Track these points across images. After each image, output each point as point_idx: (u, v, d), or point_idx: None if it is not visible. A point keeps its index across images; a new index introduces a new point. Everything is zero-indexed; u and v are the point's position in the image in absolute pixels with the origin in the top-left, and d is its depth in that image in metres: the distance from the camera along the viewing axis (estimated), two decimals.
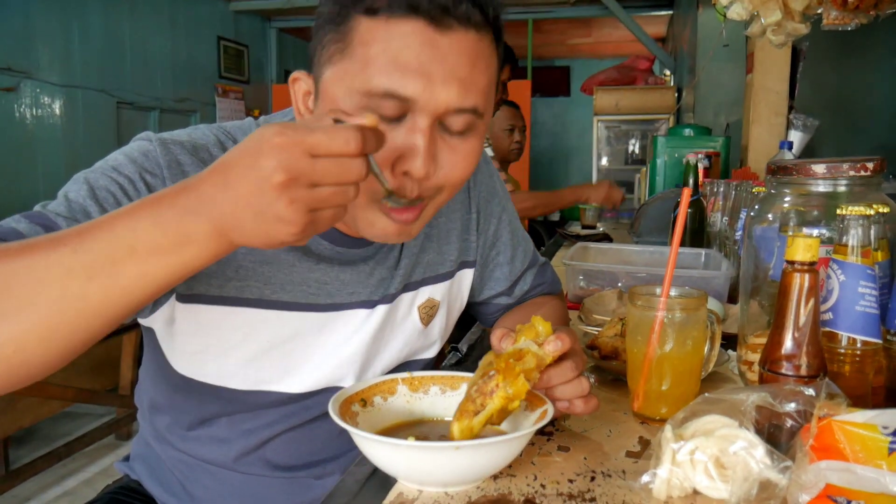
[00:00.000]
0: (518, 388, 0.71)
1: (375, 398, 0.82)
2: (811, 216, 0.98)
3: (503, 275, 1.15)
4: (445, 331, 1.09)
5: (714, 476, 0.65)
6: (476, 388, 0.72)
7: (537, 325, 0.78)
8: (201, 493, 1.00)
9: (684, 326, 0.87)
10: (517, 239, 1.17)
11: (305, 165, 0.56)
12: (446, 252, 1.05)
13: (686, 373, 0.88)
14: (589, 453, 0.81)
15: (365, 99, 0.73)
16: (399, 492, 0.71)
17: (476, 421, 0.71)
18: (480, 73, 0.76)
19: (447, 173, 0.80)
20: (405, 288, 1.00)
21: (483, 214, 1.11)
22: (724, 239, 1.94)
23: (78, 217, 0.73)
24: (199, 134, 0.87)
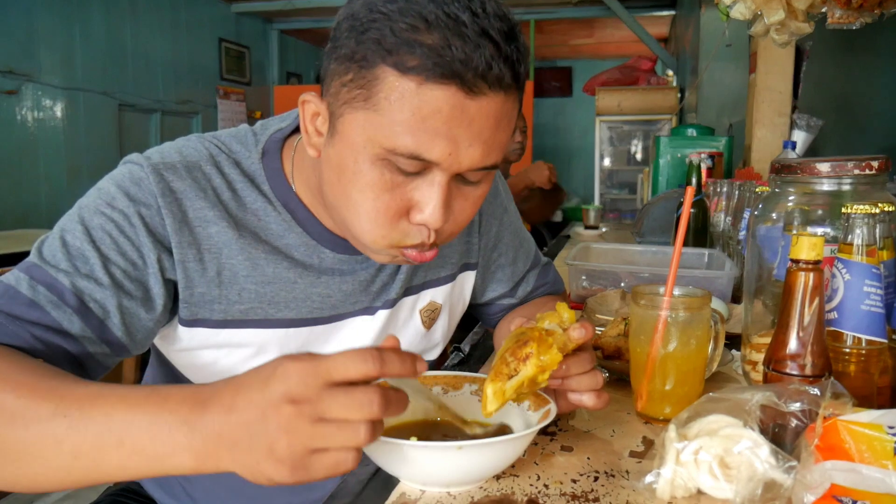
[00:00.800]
0: (552, 357, 0.71)
1: None
2: (815, 215, 0.98)
3: (505, 276, 1.14)
4: (448, 333, 1.08)
5: (718, 476, 0.64)
6: (510, 352, 0.72)
7: (562, 311, 0.77)
8: (201, 494, 1.00)
9: (688, 326, 0.86)
10: (519, 240, 1.16)
11: (314, 393, 0.54)
12: (448, 255, 1.05)
13: (689, 372, 0.88)
14: (592, 453, 0.80)
15: (386, 153, 0.72)
16: (402, 492, 0.71)
17: (509, 385, 0.71)
18: (503, 131, 0.75)
19: (456, 217, 0.80)
20: (406, 292, 0.99)
21: (485, 216, 1.10)
22: (727, 239, 1.94)
23: (79, 266, 0.75)
24: (190, 150, 0.86)
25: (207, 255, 0.83)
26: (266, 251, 0.86)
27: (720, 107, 4.23)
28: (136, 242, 0.79)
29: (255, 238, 0.86)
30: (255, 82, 6.89)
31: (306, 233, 0.89)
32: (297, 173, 0.89)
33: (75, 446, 0.61)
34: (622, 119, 6.38)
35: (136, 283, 0.79)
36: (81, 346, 0.75)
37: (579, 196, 9.03)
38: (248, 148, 0.89)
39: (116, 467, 0.61)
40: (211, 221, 0.83)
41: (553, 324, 0.76)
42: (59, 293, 0.74)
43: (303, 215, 0.89)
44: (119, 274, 0.77)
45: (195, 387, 0.61)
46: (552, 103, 9.41)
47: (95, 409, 0.61)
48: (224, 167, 0.86)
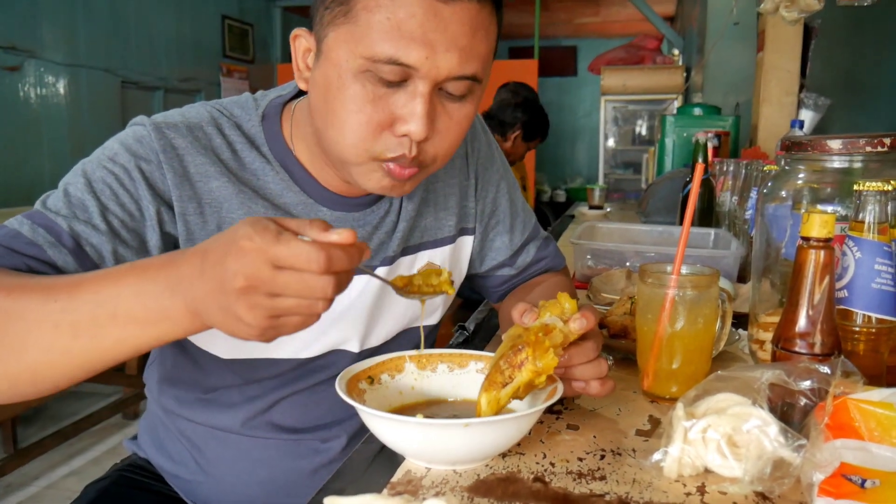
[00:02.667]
0: (547, 362, 0.70)
1: (383, 376, 0.81)
2: (825, 193, 0.97)
3: (503, 244, 1.14)
4: (448, 299, 1.09)
5: (727, 454, 0.64)
6: (505, 359, 0.72)
7: (563, 301, 0.77)
8: (210, 459, 1.01)
9: (695, 304, 0.86)
10: (516, 208, 1.16)
11: (266, 275, 0.56)
12: (444, 218, 1.06)
13: (697, 351, 0.87)
14: (598, 432, 0.80)
15: (367, 63, 0.75)
16: (407, 469, 0.71)
17: (504, 393, 0.70)
18: (480, 41, 0.78)
19: (442, 137, 0.82)
20: (404, 252, 1.01)
21: (481, 181, 1.11)
22: (733, 218, 1.93)
23: (77, 213, 0.78)
24: (192, 113, 0.89)
25: (208, 209, 0.86)
26: (265, 207, 0.89)
27: (727, 86, 4.20)
28: (134, 195, 0.82)
29: (254, 195, 0.88)
30: (259, 60, 6.85)
31: (304, 192, 0.91)
32: (295, 134, 0.92)
33: (72, 325, 0.63)
34: (627, 98, 6.35)
35: (133, 234, 0.81)
36: None
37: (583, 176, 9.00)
38: (248, 112, 0.93)
39: (115, 340, 0.63)
40: (211, 176, 0.86)
41: (553, 316, 0.75)
42: (56, 234, 0.77)
43: (300, 175, 0.91)
44: (116, 223, 0.80)
45: (171, 254, 0.64)
46: (557, 83, 9.34)
47: (83, 290, 0.64)
48: (225, 129, 0.90)
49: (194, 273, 0.59)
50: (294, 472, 0.99)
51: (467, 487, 0.67)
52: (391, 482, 0.68)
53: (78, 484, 2.95)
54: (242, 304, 0.56)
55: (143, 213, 0.82)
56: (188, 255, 0.61)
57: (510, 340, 0.74)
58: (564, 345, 0.75)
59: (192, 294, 0.60)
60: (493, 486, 0.67)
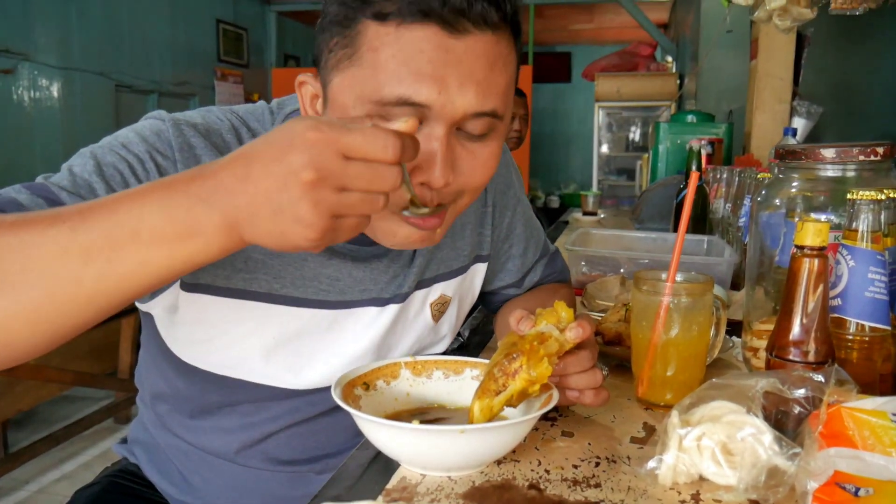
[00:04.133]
0: (541, 371, 0.70)
1: (378, 382, 0.81)
2: (818, 202, 0.97)
3: (515, 267, 1.12)
4: (455, 326, 1.07)
5: (721, 462, 0.64)
6: (499, 368, 0.71)
7: (560, 310, 0.77)
8: (199, 483, 0.99)
9: (690, 312, 0.86)
10: (530, 230, 1.14)
11: (337, 166, 0.53)
12: (461, 247, 1.02)
13: (691, 358, 0.87)
14: (593, 439, 0.80)
15: (376, 108, 0.70)
16: (402, 476, 0.71)
17: (497, 401, 0.70)
18: (499, 74, 0.72)
19: (467, 179, 0.76)
20: (418, 285, 0.97)
21: (498, 208, 1.08)
22: (726, 226, 1.93)
23: (82, 193, 0.70)
24: (212, 118, 0.84)
25: None
26: None
27: (720, 93, 4.22)
28: (145, 181, 0.74)
29: None
30: (253, 64, 6.85)
31: None
32: None
33: (83, 248, 0.54)
34: (621, 105, 6.37)
35: None
36: None
37: (577, 182, 9.02)
38: (265, 126, 0.87)
39: (136, 264, 0.55)
40: None
41: (550, 325, 0.75)
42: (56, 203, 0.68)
43: None
44: None
45: (198, 167, 0.58)
46: (551, 89, 9.37)
47: (97, 211, 0.56)
48: (244, 140, 0.84)
49: (236, 179, 0.54)
50: (287, 500, 0.97)
51: (462, 494, 0.67)
52: (386, 489, 0.68)
53: (69, 489, 2.91)
54: (308, 201, 0.53)
55: None
56: (225, 163, 0.56)
57: (505, 348, 0.74)
58: (560, 354, 0.75)
59: (234, 202, 0.54)
60: (488, 494, 0.67)
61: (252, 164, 0.54)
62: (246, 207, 0.54)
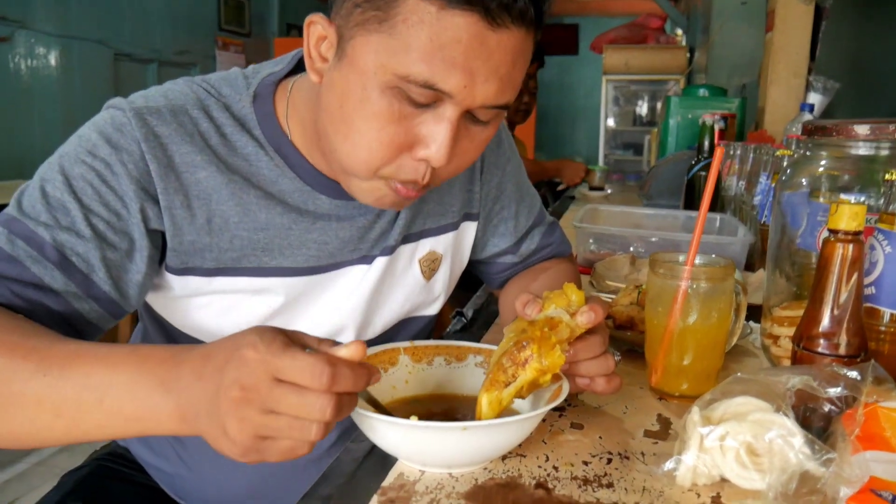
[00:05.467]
0: (553, 360, 0.65)
1: None
2: (845, 181, 0.91)
3: (507, 230, 1.08)
4: (448, 286, 1.03)
5: (747, 464, 0.59)
6: (507, 357, 0.66)
7: (570, 293, 0.71)
8: (193, 454, 0.96)
9: (710, 297, 0.81)
10: (522, 193, 1.10)
11: (264, 388, 0.52)
12: (448, 203, 0.99)
13: (709, 347, 0.82)
14: (604, 432, 0.75)
15: (398, 80, 0.68)
16: (399, 472, 0.66)
17: (506, 393, 0.65)
18: (519, 69, 0.72)
19: (459, 160, 0.76)
20: (404, 240, 0.94)
21: (487, 164, 1.05)
22: (740, 204, 1.87)
23: (59, 218, 0.72)
24: (176, 93, 0.82)
25: (196, 202, 0.79)
26: (258, 196, 0.82)
27: (732, 67, 4.12)
28: (118, 192, 0.75)
29: (246, 183, 0.82)
30: (255, 33, 6.73)
31: (300, 178, 0.85)
32: (291, 115, 0.84)
33: (56, 405, 0.60)
34: (629, 78, 6.26)
35: (121, 235, 0.75)
36: (66, 302, 0.72)
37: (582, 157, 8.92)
38: (238, 91, 0.84)
39: (97, 426, 0.61)
40: (199, 166, 0.79)
41: (559, 308, 0.70)
42: (38, 247, 0.71)
43: (296, 160, 0.84)
44: (102, 226, 0.74)
45: (175, 348, 0.60)
46: (558, 62, 9.22)
47: (75, 369, 0.60)
48: (212, 111, 0.82)
49: (193, 375, 0.56)
50: (281, 468, 0.94)
51: (464, 494, 0.62)
52: (382, 487, 0.63)
53: (69, 461, 2.91)
54: (232, 417, 0.52)
55: (129, 211, 0.75)
56: (192, 355, 0.58)
57: (513, 335, 0.69)
58: (570, 340, 0.70)
59: (187, 397, 0.56)
60: (491, 494, 0.62)
61: (206, 365, 0.56)
62: (194, 404, 0.56)
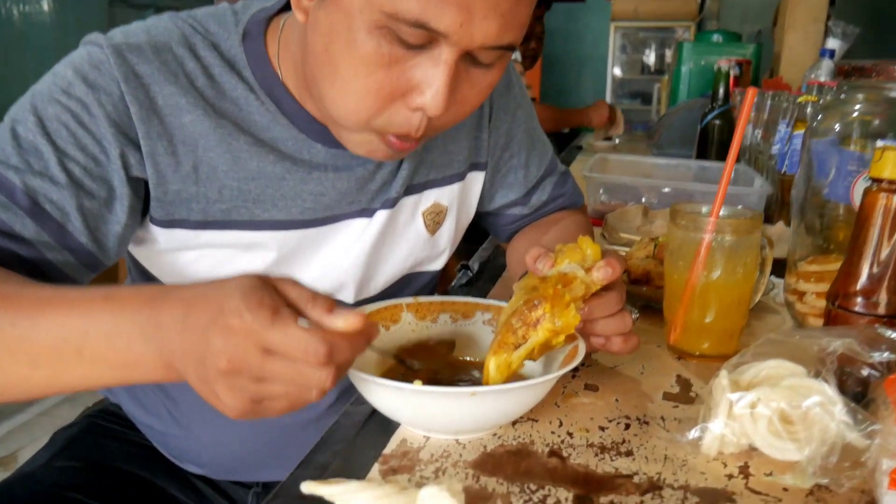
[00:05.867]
0: (567, 319, 0.60)
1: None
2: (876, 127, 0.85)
3: (517, 180, 1.01)
4: (454, 240, 0.97)
5: (781, 434, 0.54)
6: (518, 316, 0.61)
7: (585, 246, 0.66)
8: (186, 413, 0.91)
9: (735, 251, 0.75)
10: (533, 140, 1.03)
11: (254, 361, 0.47)
12: (454, 151, 0.92)
13: (733, 304, 0.77)
14: (621, 394, 0.70)
15: (387, 19, 0.60)
16: (402, 438, 0.61)
17: (516, 356, 0.60)
18: (524, 6, 0.64)
19: (458, 108, 0.68)
20: (407, 191, 0.88)
21: (496, 110, 0.97)
22: (755, 153, 1.80)
23: (31, 162, 0.67)
24: (160, 29, 0.74)
25: (181, 148, 0.73)
26: (248, 143, 0.75)
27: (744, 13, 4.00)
28: (96, 135, 0.69)
29: (235, 129, 0.75)
30: None
31: (294, 125, 0.77)
32: (283, 57, 0.77)
33: (31, 356, 0.55)
34: (638, 25, 6.11)
35: (99, 182, 0.69)
36: (38, 251, 0.67)
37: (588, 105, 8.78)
38: (227, 29, 0.77)
39: (82, 377, 0.56)
40: (184, 109, 0.72)
41: (573, 264, 0.64)
42: (8, 192, 0.65)
43: (290, 106, 0.77)
44: (78, 171, 0.68)
45: (152, 292, 0.54)
46: (565, 8, 8.98)
47: (47, 317, 0.55)
48: (199, 49, 0.75)
49: (174, 325, 0.51)
50: (277, 427, 0.89)
51: (472, 463, 0.58)
52: (384, 454, 0.59)
53: (72, 412, 2.91)
54: (223, 386, 0.49)
55: (108, 156, 0.69)
56: (170, 301, 0.52)
57: (523, 293, 0.64)
58: (585, 297, 0.64)
59: (170, 347, 0.52)
60: (501, 462, 0.58)
61: (187, 317, 0.51)
62: (180, 357, 0.51)
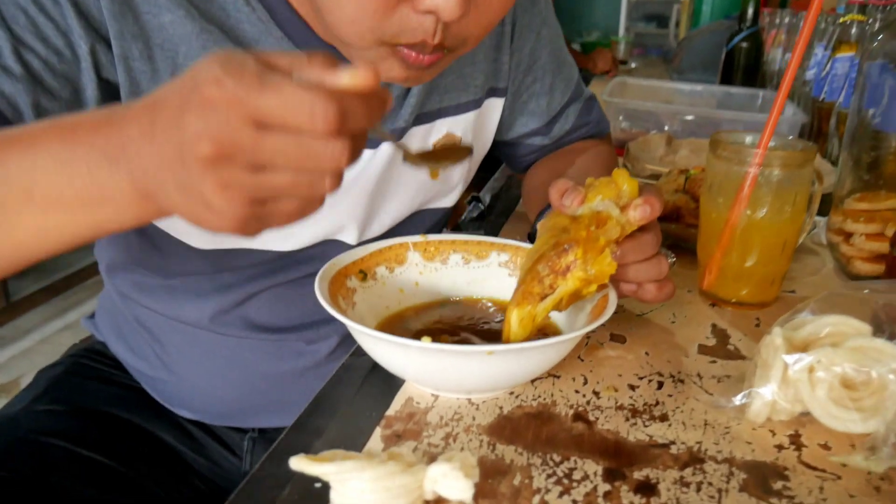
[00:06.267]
0: (602, 267, 0.52)
1: (378, 269, 0.63)
2: None
3: (539, 107, 0.91)
4: (468, 175, 0.88)
5: (846, 402, 0.47)
6: (545, 263, 0.53)
7: (620, 181, 0.57)
8: (174, 355, 0.84)
9: (784, 187, 0.66)
10: (559, 62, 0.92)
11: (247, 139, 0.37)
12: (470, 75, 0.82)
13: (778, 247, 0.69)
14: (651, 346, 0.63)
15: None
16: (408, 396, 0.54)
17: (541, 308, 0.52)
18: None
19: (480, 14, 0.57)
20: (417, 120, 0.78)
21: (519, 28, 0.86)
22: None
23: None
24: None
25: (159, 53, 0.63)
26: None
27: None
28: (61, 26, 0.58)
29: (222, 37, 0.64)
30: None
31: (289, 38, 0.67)
32: None
33: None
34: None
35: (62, 80, 0.59)
36: None
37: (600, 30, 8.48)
38: None
39: (35, 229, 0.45)
40: (163, 8, 0.62)
41: (607, 200, 0.56)
42: None
43: (284, 14, 0.67)
44: (37, 64, 0.58)
45: (108, 110, 0.44)
46: None
47: None
48: None
49: (143, 135, 0.40)
50: (274, 374, 0.83)
51: (487, 428, 0.51)
52: (386, 415, 0.52)
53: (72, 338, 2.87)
54: (210, 182, 0.38)
55: (74, 52, 0.59)
56: (134, 109, 0.42)
57: (550, 234, 0.55)
58: (620, 239, 0.56)
59: (142, 165, 0.41)
60: (520, 427, 0.51)
61: (156, 119, 0.40)
62: (155, 174, 0.40)
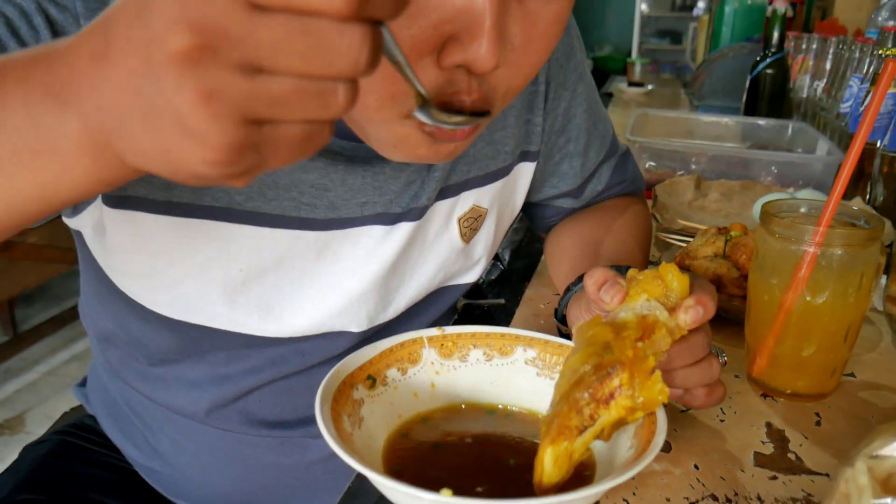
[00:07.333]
0: (653, 394, 0.44)
1: (389, 371, 0.55)
2: None
3: (573, 169, 0.82)
4: (491, 247, 0.79)
5: None
6: (585, 389, 0.44)
7: (669, 277, 0.49)
8: (166, 446, 0.77)
9: (848, 269, 0.59)
10: (595, 120, 0.83)
11: (236, 24, 0.26)
12: (500, 140, 0.73)
13: (840, 334, 0.61)
14: (700, 457, 0.55)
15: None
16: None
17: (580, 442, 0.44)
18: None
19: (518, 58, 0.48)
20: (441, 194, 0.69)
21: (553, 86, 0.77)
22: (816, 109, 1.61)
23: None
24: None
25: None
26: None
27: None
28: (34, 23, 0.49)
29: None
30: None
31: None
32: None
33: None
34: None
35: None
36: None
37: (612, 44, 8.42)
38: None
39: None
40: None
41: (654, 301, 0.48)
42: None
43: None
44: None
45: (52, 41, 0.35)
46: None
47: None
48: None
49: (94, 56, 0.31)
50: (278, 468, 0.74)
51: None
52: None
53: (79, 370, 2.83)
54: (189, 91, 0.27)
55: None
56: (83, 32, 0.32)
57: (590, 350, 0.47)
58: (670, 345, 0.49)
59: (94, 98, 0.31)
60: None
61: (111, 29, 0.30)
62: (112, 105, 0.30)
